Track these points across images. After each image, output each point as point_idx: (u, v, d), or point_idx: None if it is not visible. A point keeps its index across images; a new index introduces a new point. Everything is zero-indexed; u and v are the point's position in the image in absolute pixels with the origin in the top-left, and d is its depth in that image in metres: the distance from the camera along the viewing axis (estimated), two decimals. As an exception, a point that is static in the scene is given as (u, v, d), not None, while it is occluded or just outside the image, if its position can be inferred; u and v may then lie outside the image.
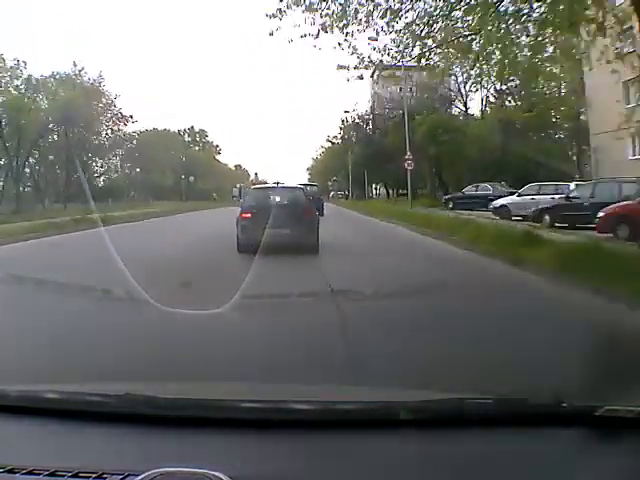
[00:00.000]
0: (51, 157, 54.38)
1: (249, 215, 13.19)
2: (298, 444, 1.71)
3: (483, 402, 1.90)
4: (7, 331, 6.02)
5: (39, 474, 1.56)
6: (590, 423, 1.71)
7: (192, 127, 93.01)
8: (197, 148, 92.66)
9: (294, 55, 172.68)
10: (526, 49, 11.47)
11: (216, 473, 1.48)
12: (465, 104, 51.56)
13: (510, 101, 44.90)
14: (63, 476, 1.55)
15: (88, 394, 1.99)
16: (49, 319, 6.51)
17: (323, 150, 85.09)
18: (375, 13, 11.21)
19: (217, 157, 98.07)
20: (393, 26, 11.51)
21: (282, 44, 13.26)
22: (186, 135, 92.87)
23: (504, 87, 37.22)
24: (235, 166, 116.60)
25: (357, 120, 66.58)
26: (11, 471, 1.56)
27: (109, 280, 6.96)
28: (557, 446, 1.67)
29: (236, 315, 5.54)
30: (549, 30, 10.81)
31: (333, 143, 76.97)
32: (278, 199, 13.95)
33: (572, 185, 23.88)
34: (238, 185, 72.58)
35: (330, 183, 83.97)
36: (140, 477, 1.49)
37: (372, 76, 71.86)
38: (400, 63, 13.58)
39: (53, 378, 3.64)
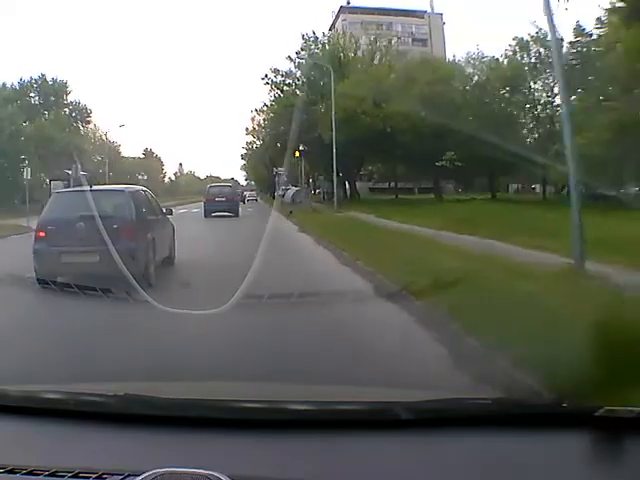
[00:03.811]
0: None
1: (43, 234, 9.20)
2: (298, 444, 1.71)
3: (483, 402, 1.90)
4: (7, 331, 6.01)
5: (39, 474, 1.56)
6: (590, 423, 1.71)
7: (43, 76, 53.27)
8: (47, 114, 52.19)
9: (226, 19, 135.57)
10: None
11: (216, 473, 1.49)
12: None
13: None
14: (63, 476, 1.55)
15: (88, 394, 1.99)
16: (49, 319, 6.51)
17: (266, 115, 48.63)
18: None
19: (89, 128, 60.10)
20: None
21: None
22: (33, 93, 53.93)
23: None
24: (144, 152, 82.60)
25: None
26: (11, 471, 1.56)
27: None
28: (557, 446, 1.67)
29: (236, 315, 5.53)
30: None
31: (282, 88, 43.76)
32: (86, 209, 8.87)
33: None
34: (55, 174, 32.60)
35: (281, 171, 42.19)
36: (140, 477, 1.48)
37: (331, 28, 49.50)
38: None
39: (53, 378, 3.64)
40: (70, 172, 27.78)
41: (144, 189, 11.50)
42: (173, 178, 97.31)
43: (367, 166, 44.62)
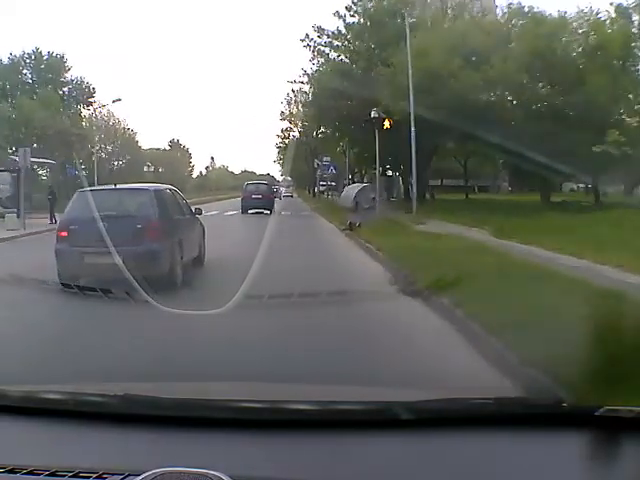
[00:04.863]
0: None
1: (66, 234, 9.04)
2: (298, 444, 1.71)
3: (483, 402, 1.89)
4: (7, 331, 6.02)
5: (39, 474, 1.56)
6: (590, 423, 1.71)
7: (37, 50, 46.02)
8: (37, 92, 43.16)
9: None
10: None
11: (216, 473, 1.49)
12: None
13: None
14: (63, 476, 1.55)
15: (88, 394, 1.99)
16: (49, 319, 6.51)
17: (302, 101, 38.90)
18: None
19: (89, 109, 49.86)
20: None
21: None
22: (27, 70, 46.34)
23: None
24: (170, 143, 74.99)
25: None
26: (11, 471, 1.56)
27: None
28: (557, 446, 1.67)
29: (236, 315, 5.53)
30: None
31: (329, 54, 34.23)
32: (110, 209, 9.08)
33: None
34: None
35: (326, 161, 35.40)
36: (140, 477, 1.48)
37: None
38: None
39: (53, 378, 3.64)
40: (17, 159, 20.84)
41: (171, 187, 11.31)
42: (204, 172, 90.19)
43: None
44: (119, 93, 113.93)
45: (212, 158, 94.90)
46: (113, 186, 10.36)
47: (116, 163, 51.41)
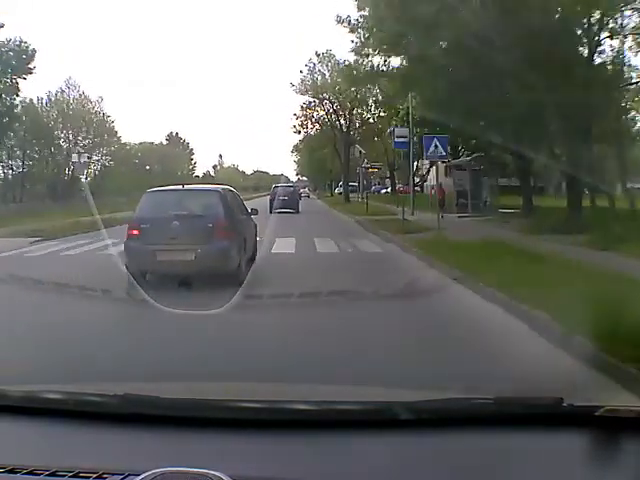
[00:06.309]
0: None
1: (137, 232, 9.27)
2: (298, 444, 1.71)
3: (483, 402, 1.89)
4: (7, 331, 6.02)
5: (39, 474, 1.56)
6: (590, 423, 1.71)
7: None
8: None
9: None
10: None
11: (216, 473, 1.48)
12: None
13: None
14: (63, 476, 1.55)
15: (88, 394, 1.99)
16: (49, 319, 6.51)
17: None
18: None
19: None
20: None
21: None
22: None
23: None
24: (167, 137, 68.44)
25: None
26: (11, 471, 1.56)
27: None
28: (557, 446, 1.67)
29: (236, 315, 5.54)
30: None
31: None
32: (180, 208, 9.60)
33: None
34: None
35: (401, 135, 20.10)
36: (140, 477, 1.48)
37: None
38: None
39: (53, 378, 3.65)
40: None
41: (231, 189, 11.59)
42: (212, 171, 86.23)
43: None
44: (127, 85, 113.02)
45: (220, 156, 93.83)
46: (181, 187, 10.81)
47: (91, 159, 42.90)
